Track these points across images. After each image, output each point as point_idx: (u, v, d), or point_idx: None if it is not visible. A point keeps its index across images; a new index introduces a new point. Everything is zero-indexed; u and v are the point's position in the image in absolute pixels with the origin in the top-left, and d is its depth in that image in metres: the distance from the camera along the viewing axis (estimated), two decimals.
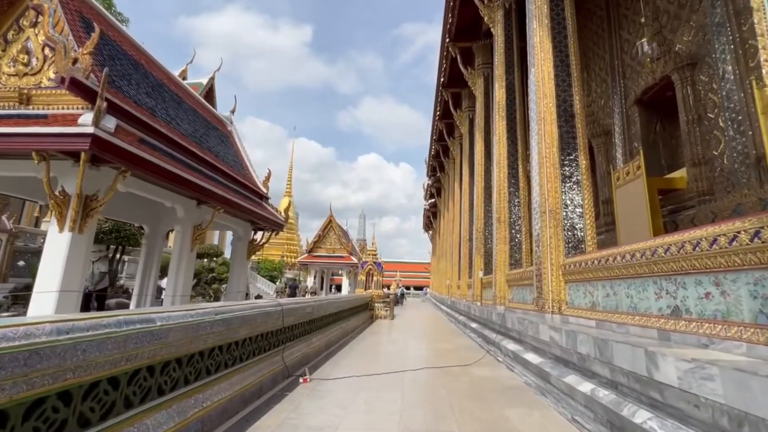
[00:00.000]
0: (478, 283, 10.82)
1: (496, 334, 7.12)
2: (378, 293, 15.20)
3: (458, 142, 18.63)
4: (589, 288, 4.42)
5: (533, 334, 4.91)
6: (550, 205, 5.39)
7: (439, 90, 16.86)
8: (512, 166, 8.64)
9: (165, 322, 2.61)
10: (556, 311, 5.07)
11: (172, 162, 5.53)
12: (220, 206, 7.18)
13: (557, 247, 5.23)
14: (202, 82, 33.18)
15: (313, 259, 24.39)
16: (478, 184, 11.86)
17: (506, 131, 8.85)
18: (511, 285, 7.76)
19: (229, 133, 9.96)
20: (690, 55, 6.72)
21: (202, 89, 31.65)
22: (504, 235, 8.31)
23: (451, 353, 6.94)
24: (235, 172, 8.70)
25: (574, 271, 4.75)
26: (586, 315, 4.35)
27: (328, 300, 7.46)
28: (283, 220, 10.30)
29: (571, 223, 5.29)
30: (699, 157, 6.35)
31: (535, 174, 5.85)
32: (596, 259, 4.14)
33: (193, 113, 8.17)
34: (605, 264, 3.93)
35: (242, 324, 3.77)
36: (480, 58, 12.76)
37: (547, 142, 5.61)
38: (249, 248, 9.60)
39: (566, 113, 5.66)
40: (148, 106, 5.95)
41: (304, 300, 5.95)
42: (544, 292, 5.28)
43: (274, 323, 4.67)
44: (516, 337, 5.89)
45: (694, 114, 6.54)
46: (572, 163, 5.47)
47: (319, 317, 6.94)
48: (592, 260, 4.23)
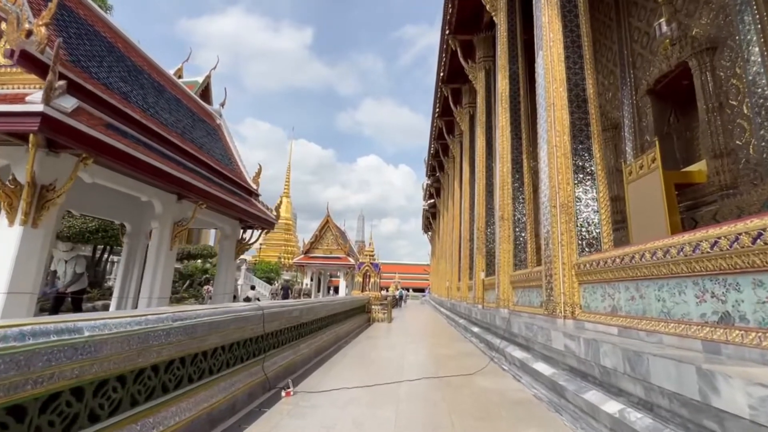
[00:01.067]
0: (479, 284, 10.30)
1: (501, 339, 6.60)
2: (375, 295, 14.67)
3: (458, 140, 18.16)
4: (608, 290, 3.90)
5: (544, 341, 4.40)
6: (561, 199, 4.89)
7: (439, 86, 16.39)
8: (516, 161, 8.14)
9: (97, 333, 2.09)
10: (568, 316, 4.56)
11: (146, 151, 5.02)
12: (202, 201, 6.66)
13: (570, 245, 4.72)
14: (198, 81, 32.72)
15: (309, 260, 23.83)
16: (480, 182, 11.36)
17: (510, 124, 8.36)
18: (516, 287, 7.25)
19: (217, 127, 9.46)
20: (709, 39, 6.24)
21: (198, 88, 31.18)
22: (508, 233, 7.81)
23: (452, 360, 6.42)
24: (222, 166, 8.19)
25: (590, 271, 4.24)
26: (606, 320, 3.83)
27: (319, 303, 6.95)
28: (275, 219, 9.79)
29: (584, 219, 4.78)
30: (721, 149, 5.86)
31: (544, 165, 5.35)
32: (618, 257, 3.63)
33: (177, 103, 7.66)
34: (630, 263, 3.42)
35: (210, 331, 3.25)
36: (481, 51, 12.28)
37: (558, 130, 5.11)
38: (237, 247, 9.08)
39: (578, 98, 5.16)
40: (121, 91, 5.44)
41: (291, 303, 5.45)
42: (554, 295, 4.77)
43: (253, 329, 4.15)
44: (523, 344, 5.37)
45: (714, 102, 6.05)
46: (585, 152, 4.97)
47: (309, 321, 6.42)
48: (613, 258, 3.72)
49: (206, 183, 6.65)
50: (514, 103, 8.48)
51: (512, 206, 7.88)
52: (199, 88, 32.18)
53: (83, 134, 3.95)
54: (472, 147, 14.39)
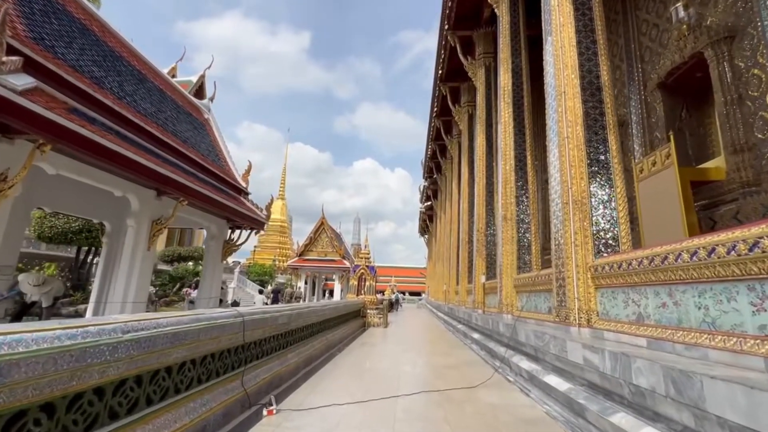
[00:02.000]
0: (479, 288, 9.86)
1: (505, 348, 6.14)
2: (371, 299, 14.18)
3: (456, 140, 17.77)
4: (632, 295, 3.46)
5: (557, 352, 3.95)
6: (574, 195, 4.46)
7: (437, 84, 16.01)
8: (520, 158, 7.72)
9: (5, 352, 1.61)
10: (583, 323, 4.12)
11: (118, 140, 4.54)
12: (184, 198, 6.17)
13: (584, 246, 4.29)
14: (191, 80, 32.18)
15: (303, 263, 23.27)
16: (479, 181, 10.95)
17: (513, 119, 7.95)
18: (520, 291, 6.81)
19: (205, 121, 8.97)
20: (727, 28, 5.86)
21: (191, 87, 30.62)
22: (511, 234, 7.37)
23: (452, 371, 5.95)
24: (209, 162, 7.69)
25: (609, 275, 3.80)
26: (630, 330, 3.39)
27: (309, 308, 6.46)
28: (265, 218, 9.30)
29: (600, 217, 4.35)
30: (741, 143, 5.47)
31: (554, 159, 4.92)
32: (645, 258, 3.19)
33: (159, 94, 7.17)
34: (661, 265, 2.98)
35: (175, 344, 2.77)
36: (481, 47, 11.91)
37: (570, 120, 4.69)
38: (224, 248, 8.56)
39: (591, 86, 4.75)
40: (93, 75, 4.97)
41: (276, 308, 4.96)
42: (567, 300, 4.33)
43: (232, 339, 3.67)
44: (531, 354, 4.92)
45: (733, 94, 5.67)
46: (600, 144, 4.55)
47: (298, 329, 5.94)
48: (639, 260, 3.28)
49: (188, 178, 6.16)
50: (517, 97, 8.08)
51: (516, 205, 7.46)
52: (192, 87, 31.62)
53: (38, 117, 3.47)
54: (471, 146, 14.00)
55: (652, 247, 3.19)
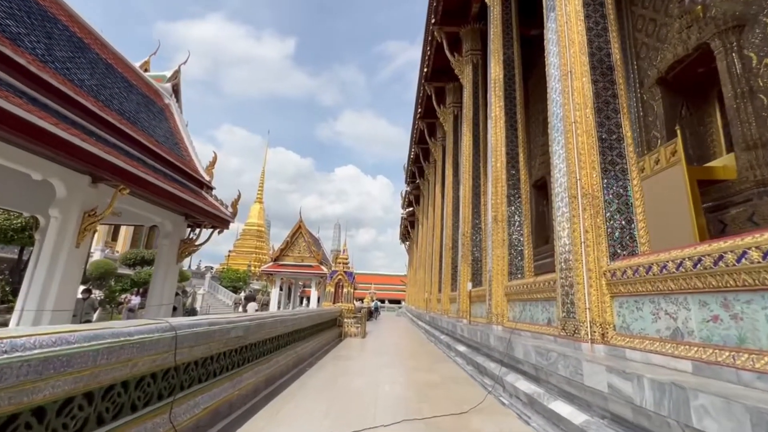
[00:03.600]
0: (464, 296, 9.18)
1: (498, 364, 5.43)
2: (348, 307, 13.30)
3: (440, 143, 17.27)
4: (664, 305, 2.81)
5: (568, 374, 3.25)
6: (584, 187, 3.82)
7: (422, 84, 15.48)
8: (511, 155, 7.13)
9: None
10: (597, 339, 3.45)
11: (29, 106, 3.62)
12: (126, 185, 5.21)
13: (597, 246, 3.64)
14: (165, 75, 30.65)
15: (278, 268, 22.09)
16: (465, 183, 10.35)
17: (504, 114, 7.37)
18: (513, 300, 6.14)
19: (165, 107, 8.01)
20: (734, 17, 5.46)
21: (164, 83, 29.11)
22: (502, 237, 6.73)
23: (437, 390, 5.19)
24: (164, 149, 6.72)
25: (631, 280, 3.15)
26: (665, 350, 2.72)
27: (275, 317, 5.58)
28: (230, 216, 8.35)
29: (616, 212, 3.72)
30: (754, 139, 5.02)
31: (558, 147, 4.30)
32: (686, 258, 2.54)
33: (106, 68, 6.18)
34: (712, 267, 2.33)
35: (45, 374, 1.89)
36: (468, 43, 11.43)
37: (577, 103, 4.07)
38: (181, 248, 7.55)
39: (602, 64, 4.16)
40: (7, 30, 4.03)
41: (228, 319, 4.09)
42: (577, 311, 3.65)
43: (157, 360, 2.79)
44: (530, 374, 4.21)
45: (744, 86, 5.24)
46: (614, 130, 3.95)
47: (260, 342, 5.06)
48: (677, 261, 2.63)
49: (132, 163, 5.21)
50: (510, 91, 7.52)
51: (507, 205, 6.83)
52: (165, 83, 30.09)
53: None
54: (456, 148, 13.47)
55: (696, 246, 2.54)
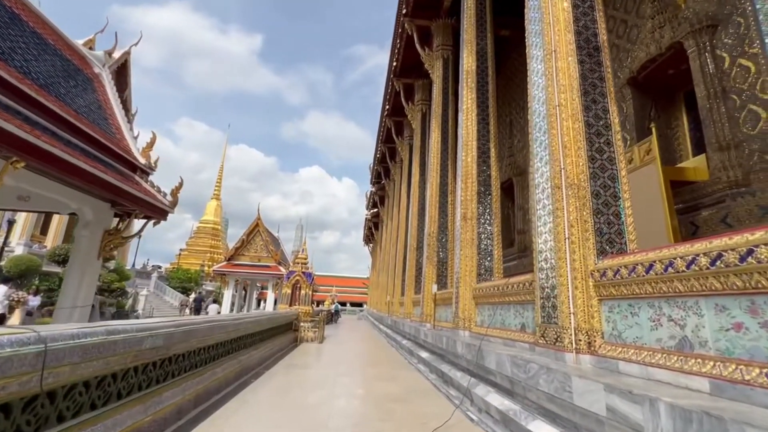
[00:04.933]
0: (429, 299, 8.70)
1: (464, 374, 4.93)
2: (306, 310, 12.46)
3: (407, 142, 16.88)
4: (668, 311, 2.39)
5: (552, 391, 2.77)
6: (569, 177, 3.40)
7: (390, 79, 15.00)
8: (483, 149, 6.74)
9: None
10: (583, 348, 3.01)
11: None
12: (21, 158, 4.15)
13: (584, 243, 3.22)
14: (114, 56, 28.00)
15: (232, 268, 20.61)
16: (433, 181, 9.93)
17: (477, 106, 6.99)
18: (482, 303, 5.71)
19: (94, 77, 6.88)
20: (708, 16, 5.39)
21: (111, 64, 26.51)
22: (471, 236, 6.30)
23: (400, 405, 4.60)
24: (85, 122, 5.63)
25: (624, 281, 2.74)
26: (670, 364, 2.29)
27: (210, 322, 4.75)
28: (169, 205, 7.30)
29: (603, 205, 3.33)
30: (727, 140, 4.91)
31: (540, 134, 3.88)
32: (702, 254, 2.13)
33: (11, 19, 5.04)
34: (738, 265, 1.91)
35: None
36: (440, 38, 11.07)
37: (562, 84, 3.67)
38: (104, 240, 6.41)
39: (589, 44, 3.80)
40: None
41: (142, 326, 3.27)
42: (559, 316, 3.21)
43: (8, 387, 1.97)
44: (505, 387, 3.73)
45: (717, 87, 5.14)
46: (601, 115, 3.58)
47: (188, 353, 4.23)
48: (688, 258, 2.22)
49: (34, 132, 4.18)
50: (482, 83, 7.16)
51: (477, 203, 6.42)
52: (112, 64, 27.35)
53: None
54: (424, 146, 13.09)
55: (712, 240, 2.13)
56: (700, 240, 2.21)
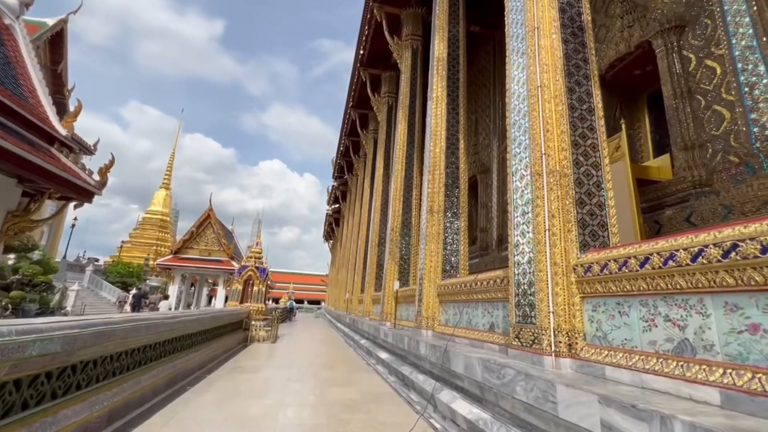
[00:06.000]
0: (390, 297, 8.31)
1: (428, 377, 4.56)
2: (258, 307, 11.63)
3: (372, 135, 16.42)
4: (663, 309, 2.12)
5: (530, 399, 2.43)
6: (550, 163, 3.10)
7: (357, 69, 14.45)
8: (452, 140, 6.44)
9: None
10: (563, 352, 2.71)
11: None
12: None
13: (566, 235, 2.93)
14: (46, 23, 24.97)
15: (179, 262, 18.95)
16: (398, 175, 9.55)
17: (447, 95, 6.67)
18: (447, 301, 5.38)
19: (3, 29, 5.73)
20: (676, 16, 5.41)
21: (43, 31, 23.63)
22: (437, 230, 5.96)
23: (357, 414, 4.13)
24: None
25: (612, 277, 2.46)
26: (665, 369, 2.01)
27: (135, 322, 4.00)
28: (95, 185, 6.25)
29: (586, 195, 3.06)
30: (692, 140, 4.92)
31: (519, 117, 3.56)
32: (713, 244, 1.85)
33: None
34: (758, 257, 1.64)
35: None
36: (410, 27, 10.72)
37: (545, 63, 3.38)
38: (6, 224, 5.30)
39: (573, 23, 3.54)
40: None
41: (29, 326, 2.55)
42: (537, 315, 2.89)
43: None
44: (473, 393, 3.38)
45: (683, 87, 5.16)
46: (585, 99, 3.32)
47: (102, 358, 3.50)
48: (694, 251, 1.94)
49: None
50: (453, 71, 6.85)
51: (445, 196, 6.10)
52: (45, 32, 24.36)
53: None
54: (389, 140, 12.70)
55: (722, 228, 1.85)
56: (707, 230, 1.94)
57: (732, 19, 4.57)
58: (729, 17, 4.60)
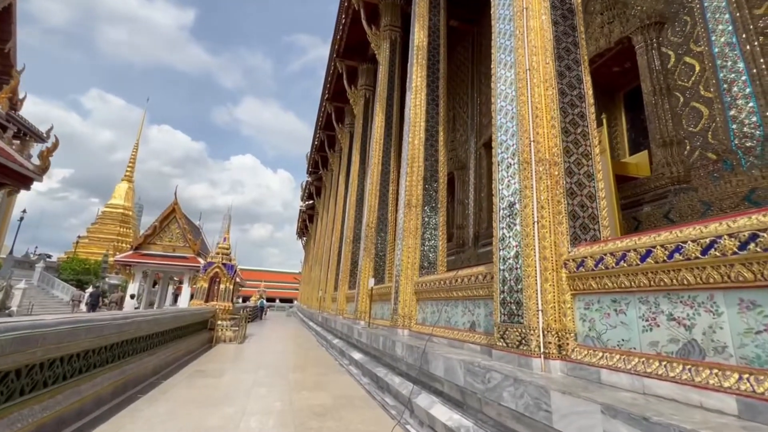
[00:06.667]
0: (364, 295, 8.01)
1: (404, 380, 4.30)
2: (225, 306, 11.02)
3: (348, 129, 16.02)
4: (666, 307, 1.94)
5: (520, 407, 2.21)
6: (540, 151, 2.89)
7: (333, 60, 14.01)
8: (431, 132, 6.20)
9: None
10: (552, 353, 2.51)
11: None
12: None
13: (556, 227, 2.73)
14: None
15: (139, 258, 17.78)
16: (374, 168, 9.25)
17: (426, 86, 6.42)
18: (425, 299, 5.14)
19: None
20: (656, 13, 5.39)
21: None
22: (415, 225, 5.71)
23: (326, 420, 3.81)
24: None
25: (609, 273, 2.27)
26: (670, 373, 1.83)
27: (73, 324, 3.50)
28: (34, 171, 5.53)
29: (576, 186, 2.87)
30: (671, 136, 4.90)
31: (506, 102, 3.34)
32: (723, 236, 1.67)
33: None
34: None
35: None
36: (388, 17, 10.41)
37: (534, 45, 3.17)
38: None
39: (563, 5, 3.37)
40: None
41: None
42: (525, 314, 2.67)
43: None
44: (454, 398, 3.14)
45: (662, 83, 5.14)
46: (575, 85, 3.14)
47: (24, 369, 3.01)
48: (703, 243, 1.76)
49: None
50: (433, 61, 6.61)
51: (423, 190, 5.85)
52: None
53: None
54: (366, 133, 12.37)
55: (735, 217, 1.67)
56: (717, 219, 1.76)
57: (712, 16, 4.56)
58: (708, 14, 4.60)
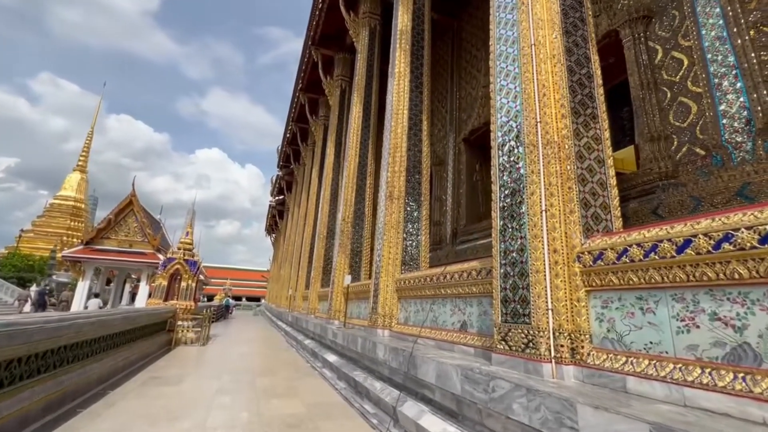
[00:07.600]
0: (339, 293, 7.57)
1: (386, 385, 3.93)
2: (186, 306, 10.21)
3: (322, 122, 15.44)
4: (708, 305, 1.68)
5: (536, 422, 1.90)
6: (548, 132, 2.61)
7: (308, 48, 13.39)
8: (414, 121, 5.86)
9: None
10: (565, 358, 2.22)
11: None
12: None
13: (566, 217, 2.45)
14: None
15: (91, 254, 16.26)
16: (351, 160, 8.82)
17: (410, 72, 6.08)
18: (407, 297, 4.79)
19: None
20: (643, 7, 5.32)
21: None
22: (397, 218, 5.36)
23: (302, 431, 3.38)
24: None
25: (633, 267, 2.00)
26: (718, 383, 1.56)
27: None
28: None
29: (587, 171, 2.61)
30: (658, 131, 4.82)
31: (508, 80, 3.05)
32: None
33: None
34: None
35: None
36: (368, 3, 10.00)
37: (541, 19, 2.89)
38: None
39: None
40: None
41: None
42: (533, 313, 2.38)
43: None
44: (447, 407, 2.80)
45: (650, 77, 5.07)
46: (584, 63, 2.89)
47: None
48: (763, 230, 1.49)
49: None
50: (417, 47, 6.27)
51: (406, 181, 5.51)
52: None
53: None
54: (341, 125, 11.90)
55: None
56: None
57: (702, 10, 4.50)
58: (699, 8, 4.54)
